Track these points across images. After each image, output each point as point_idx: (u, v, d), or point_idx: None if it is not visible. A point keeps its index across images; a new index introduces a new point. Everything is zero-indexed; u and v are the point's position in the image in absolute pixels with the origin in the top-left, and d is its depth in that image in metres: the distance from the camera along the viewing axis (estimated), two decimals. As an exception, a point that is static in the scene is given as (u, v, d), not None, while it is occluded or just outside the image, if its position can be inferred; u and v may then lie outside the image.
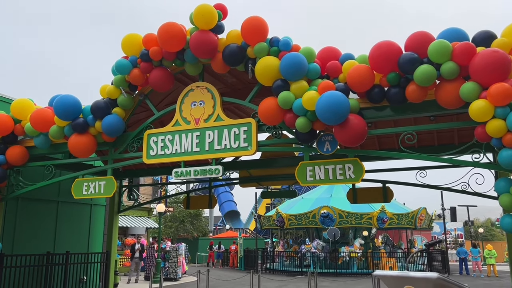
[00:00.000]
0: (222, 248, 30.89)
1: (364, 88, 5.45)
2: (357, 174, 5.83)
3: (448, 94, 4.98)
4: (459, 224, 41.12)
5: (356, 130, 5.40)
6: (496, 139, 4.78)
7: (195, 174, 6.66)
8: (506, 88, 4.55)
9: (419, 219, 23.05)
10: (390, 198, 8.16)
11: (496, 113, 4.67)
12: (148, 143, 7.06)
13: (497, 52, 4.64)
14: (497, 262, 24.78)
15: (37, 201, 9.30)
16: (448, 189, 7.34)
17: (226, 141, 6.53)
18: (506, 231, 5.22)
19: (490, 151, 5.88)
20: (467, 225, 40.14)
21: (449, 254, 27.58)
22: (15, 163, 7.79)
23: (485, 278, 21.30)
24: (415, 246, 27.67)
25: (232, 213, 48.90)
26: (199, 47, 6.19)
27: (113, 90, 7.01)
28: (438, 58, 4.89)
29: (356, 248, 22.08)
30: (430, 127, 6.06)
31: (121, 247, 22.84)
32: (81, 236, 10.38)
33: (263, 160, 9.17)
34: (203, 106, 6.77)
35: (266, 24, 6.01)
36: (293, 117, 5.75)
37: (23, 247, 8.81)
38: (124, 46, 6.74)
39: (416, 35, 5.20)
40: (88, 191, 7.53)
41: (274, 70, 5.79)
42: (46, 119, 7.18)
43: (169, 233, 36.14)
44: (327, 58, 5.99)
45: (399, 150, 5.94)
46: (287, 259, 24.02)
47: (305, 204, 23.87)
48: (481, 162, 5.51)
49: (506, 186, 5.06)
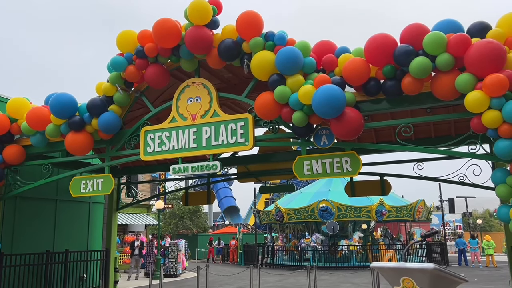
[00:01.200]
0: (221, 243, 30.98)
1: (360, 81, 5.46)
2: (354, 167, 5.85)
3: (444, 86, 4.98)
4: (457, 216, 41.31)
5: (353, 123, 5.40)
6: (492, 130, 4.80)
7: (193, 170, 6.67)
8: (501, 78, 4.55)
9: (418, 211, 23.11)
10: (388, 191, 8.19)
11: (492, 104, 4.68)
12: (145, 140, 7.05)
13: (492, 43, 4.64)
14: (496, 252, 24.90)
15: (35, 200, 9.29)
16: (445, 181, 7.38)
17: (223, 136, 6.54)
18: (503, 221, 5.24)
19: (486, 142, 5.89)
20: (465, 217, 40.35)
21: (448, 245, 27.73)
22: (12, 162, 7.78)
23: (484, 269, 21.43)
24: (414, 238, 27.79)
25: (231, 208, 48.98)
26: (194, 43, 6.17)
27: (109, 88, 6.99)
28: (433, 50, 4.89)
29: (355, 241, 22.17)
30: (426, 119, 6.06)
31: (120, 245, 22.87)
32: (80, 234, 10.39)
33: (261, 155, 9.18)
34: (200, 102, 6.77)
35: (261, 18, 6.00)
36: (289, 111, 5.76)
37: (23, 246, 8.82)
38: (119, 43, 6.72)
39: (411, 27, 5.20)
40: (86, 189, 7.54)
41: (270, 64, 5.78)
42: (42, 117, 7.16)
43: (169, 230, 36.22)
44: (322, 52, 5.98)
45: (396, 143, 5.95)
46: (286, 253, 24.11)
47: (304, 198, 23.91)
48: (478, 153, 5.54)
49: (503, 176, 5.09)
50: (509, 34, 4.96)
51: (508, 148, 4.68)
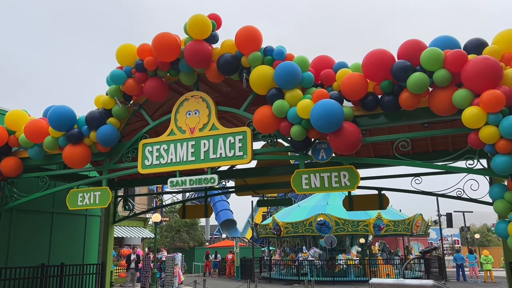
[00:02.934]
0: (218, 257, 30.72)
1: (358, 96, 5.49)
2: (352, 182, 5.84)
3: (441, 101, 5.02)
4: (455, 230, 41.21)
5: (351, 138, 5.42)
6: (489, 145, 4.82)
7: (191, 183, 6.65)
8: (497, 95, 4.59)
9: (416, 225, 23.04)
10: (386, 205, 8.17)
11: (489, 119, 4.71)
12: (143, 153, 7.04)
13: (488, 59, 4.69)
14: (494, 267, 24.78)
15: (31, 212, 9.22)
16: (443, 196, 7.37)
17: (222, 150, 6.54)
18: (501, 236, 5.24)
19: (484, 157, 5.91)
20: (463, 231, 40.20)
21: (446, 260, 27.57)
22: (9, 175, 7.74)
23: (482, 284, 21.30)
24: (412, 252, 27.62)
25: (229, 222, 48.69)
26: (193, 57, 6.21)
27: (108, 101, 7.00)
28: (431, 66, 4.94)
29: (353, 256, 22.03)
30: (424, 134, 6.08)
31: (116, 258, 22.66)
32: (76, 247, 10.29)
33: (259, 169, 9.17)
34: (198, 115, 6.79)
35: (260, 33, 6.05)
36: (288, 125, 5.77)
37: (18, 260, 8.72)
38: (118, 57, 6.75)
39: (408, 43, 5.26)
40: (83, 202, 7.49)
41: (269, 79, 5.82)
42: (40, 130, 7.16)
43: (165, 243, 35.91)
44: (320, 66, 6.03)
45: (394, 157, 5.96)
46: (284, 267, 23.91)
47: (302, 212, 23.83)
48: (475, 169, 5.54)
49: (500, 192, 5.09)
50: (505, 51, 5.02)
51: (505, 163, 4.69)
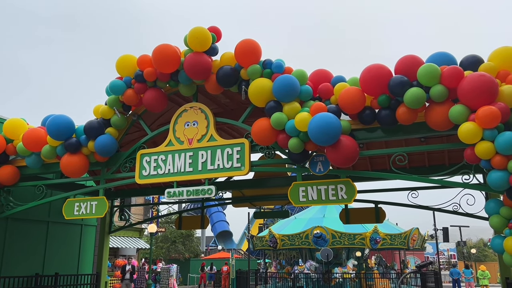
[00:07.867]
0: (214, 269, 30.46)
1: (355, 110, 5.54)
2: (349, 195, 5.86)
3: (438, 116, 5.07)
4: (451, 245, 41.09)
5: (348, 151, 5.45)
6: (485, 160, 4.86)
7: (188, 194, 6.65)
8: (493, 111, 4.65)
9: (412, 239, 22.95)
10: (382, 219, 8.17)
11: (485, 135, 4.76)
12: (141, 163, 7.05)
13: (484, 76, 4.76)
14: (490, 283, 24.68)
15: (27, 221, 9.17)
16: (439, 210, 7.38)
17: (219, 161, 6.55)
18: (497, 252, 5.25)
19: (479, 172, 5.96)
20: (459, 246, 40.11)
21: (442, 275, 27.44)
22: (6, 183, 7.72)
23: (479, 300, 21.18)
24: (408, 266, 27.48)
25: (225, 233, 48.43)
26: (193, 69, 6.27)
27: (107, 110, 7.03)
28: (427, 81, 5.00)
29: (349, 269, 21.89)
30: (420, 148, 6.13)
31: (111, 268, 22.44)
32: (71, 257, 10.22)
33: (256, 180, 9.17)
34: (197, 126, 6.81)
35: (259, 46, 6.12)
36: (285, 137, 5.81)
37: (12, 269, 8.65)
38: (118, 67, 6.80)
39: (405, 58, 5.33)
40: (80, 212, 7.46)
41: (267, 91, 5.87)
42: (38, 139, 7.16)
43: (161, 254, 35.62)
44: (319, 80, 6.09)
45: (391, 171, 5.99)
46: (280, 280, 23.70)
47: (298, 224, 23.71)
48: (471, 183, 5.58)
49: (496, 207, 5.12)
50: (500, 68, 5.10)
51: (500, 179, 4.73)
